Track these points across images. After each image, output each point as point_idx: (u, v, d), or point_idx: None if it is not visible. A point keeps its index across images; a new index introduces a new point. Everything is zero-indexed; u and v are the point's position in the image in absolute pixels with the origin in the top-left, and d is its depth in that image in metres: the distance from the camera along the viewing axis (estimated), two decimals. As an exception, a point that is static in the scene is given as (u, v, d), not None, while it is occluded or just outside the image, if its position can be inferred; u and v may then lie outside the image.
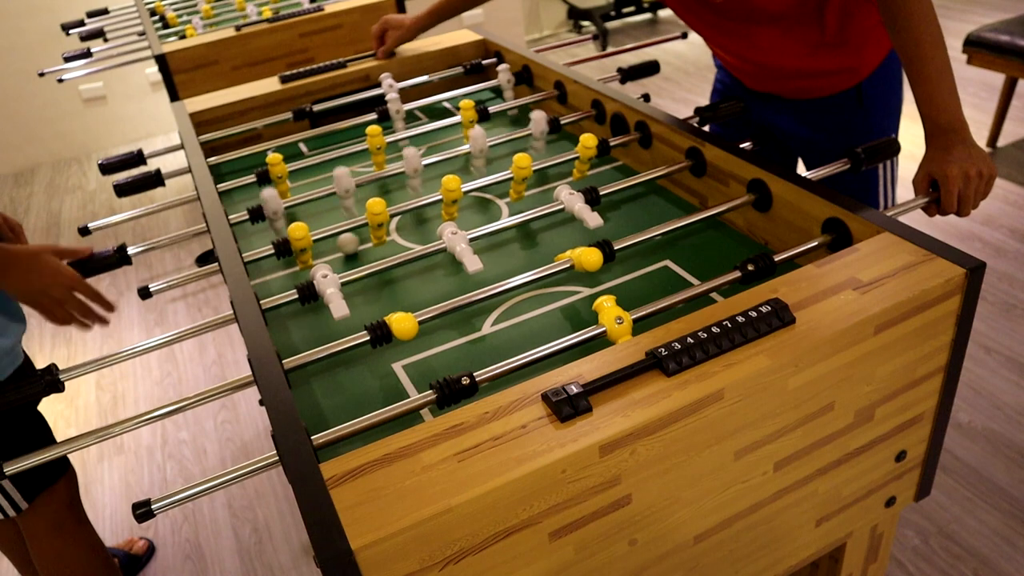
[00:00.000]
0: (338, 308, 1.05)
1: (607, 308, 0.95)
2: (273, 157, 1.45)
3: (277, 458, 0.81)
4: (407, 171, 1.39)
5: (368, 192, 1.51)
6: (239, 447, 2.24)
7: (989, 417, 1.99)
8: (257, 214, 1.34)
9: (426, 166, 1.50)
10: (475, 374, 0.89)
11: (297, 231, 1.19)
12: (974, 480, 1.83)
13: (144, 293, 1.20)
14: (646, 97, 1.63)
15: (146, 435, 2.33)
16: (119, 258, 1.26)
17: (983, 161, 1.14)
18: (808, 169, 1.54)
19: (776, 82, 1.48)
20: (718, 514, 0.89)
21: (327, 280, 1.09)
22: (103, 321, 1.27)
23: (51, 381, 0.98)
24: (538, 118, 1.47)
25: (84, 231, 1.41)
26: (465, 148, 1.49)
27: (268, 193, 1.31)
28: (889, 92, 1.45)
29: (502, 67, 1.76)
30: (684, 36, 2.01)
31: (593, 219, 1.17)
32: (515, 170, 1.30)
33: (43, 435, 1.42)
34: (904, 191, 2.13)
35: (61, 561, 1.50)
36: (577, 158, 1.37)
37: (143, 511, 0.81)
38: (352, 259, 1.30)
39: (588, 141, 1.33)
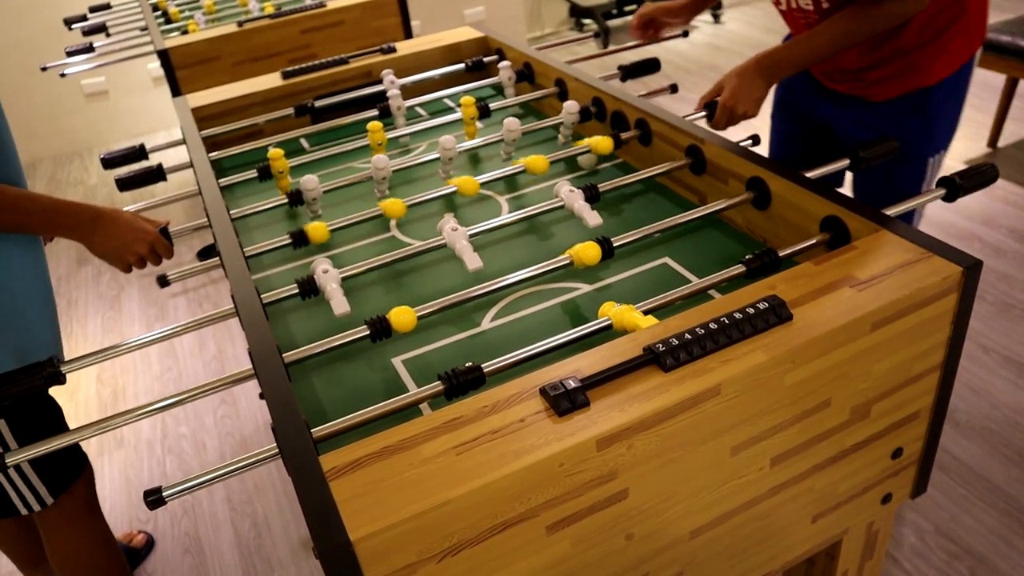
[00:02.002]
0: (339, 305, 1.06)
1: (617, 309, 0.96)
2: (274, 152, 1.45)
3: (277, 450, 0.81)
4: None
5: (369, 188, 1.51)
6: (239, 442, 2.25)
7: (987, 416, 2.00)
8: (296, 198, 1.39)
9: (426, 163, 1.50)
10: (484, 365, 0.89)
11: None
12: (971, 479, 1.84)
13: (162, 281, 1.23)
14: (674, 88, 1.73)
15: (146, 429, 2.33)
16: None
17: (752, 103, 1.38)
18: (856, 173, 1.55)
19: (846, 79, 1.50)
20: (714, 509, 0.89)
21: (328, 275, 1.10)
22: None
23: (52, 373, 0.98)
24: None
25: None
26: (466, 145, 1.49)
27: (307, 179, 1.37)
28: (954, 104, 1.46)
29: (503, 64, 1.76)
30: (685, 35, 2.01)
31: (593, 218, 1.18)
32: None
33: (58, 426, 1.43)
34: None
35: (76, 555, 1.52)
36: (589, 151, 1.39)
37: (154, 498, 0.82)
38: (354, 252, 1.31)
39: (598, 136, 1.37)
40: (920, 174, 1.50)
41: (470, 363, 0.89)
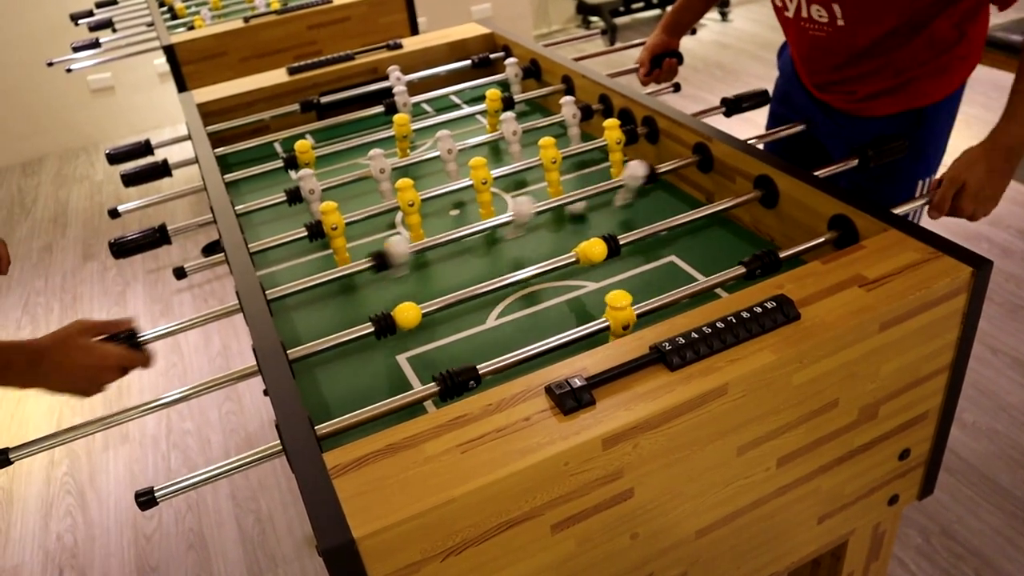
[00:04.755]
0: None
1: (615, 305, 0.95)
2: (301, 144, 1.47)
3: (281, 448, 0.81)
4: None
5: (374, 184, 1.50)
6: (243, 438, 2.25)
7: (993, 417, 1.99)
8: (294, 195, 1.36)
9: (432, 159, 1.49)
10: (479, 367, 0.89)
11: (327, 206, 1.18)
12: (977, 480, 1.83)
13: (179, 273, 1.21)
14: (676, 87, 1.70)
15: (151, 425, 2.33)
16: (160, 237, 1.27)
17: (992, 189, 1.18)
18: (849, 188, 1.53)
19: (836, 89, 1.48)
20: (720, 509, 0.89)
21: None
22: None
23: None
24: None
25: (114, 214, 1.42)
26: (473, 141, 1.49)
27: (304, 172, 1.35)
28: (946, 127, 1.45)
29: (510, 61, 1.76)
30: (693, 32, 2.00)
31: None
32: (542, 153, 1.30)
33: None
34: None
35: None
36: (603, 147, 1.36)
37: (146, 499, 0.81)
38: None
39: (612, 123, 1.34)
40: (909, 197, 1.46)
41: (466, 364, 0.88)
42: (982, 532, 1.71)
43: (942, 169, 1.35)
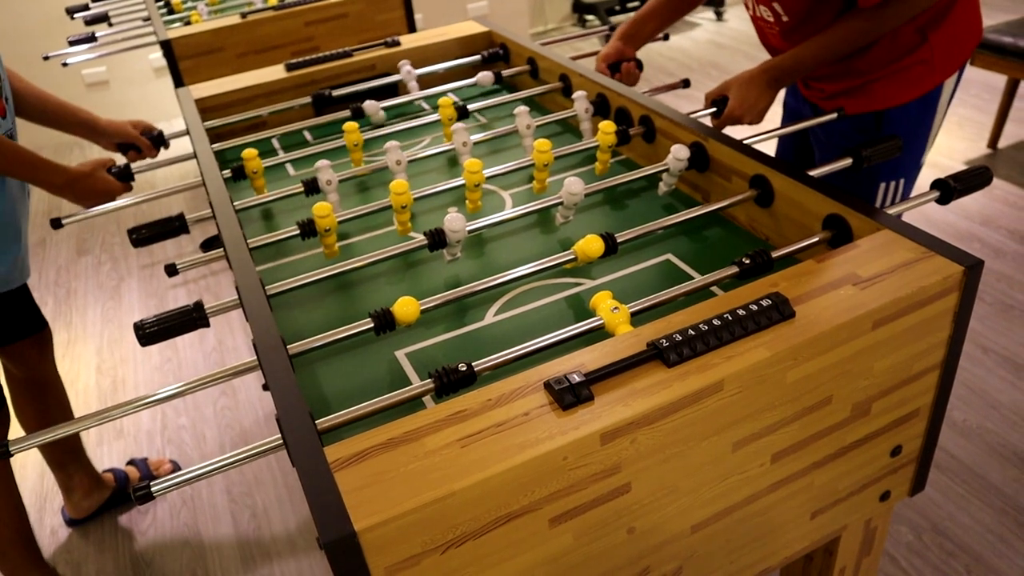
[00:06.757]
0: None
1: (603, 302, 0.96)
2: (248, 152, 1.44)
3: (280, 442, 0.82)
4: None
5: (374, 180, 1.51)
6: (238, 433, 2.25)
7: (984, 416, 2.01)
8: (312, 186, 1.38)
9: (430, 156, 1.50)
10: (476, 363, 0.90)
11: (321, 209, 1.19)
12: (968, 477, 1.85)
13: (171, 270, 1.21)
14: (686, 82, 1.72)
15: (146, 420, 2.34)
16: (179, 226, 1.31)
17: (758, 114, 1.42)
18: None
19: (811, 86, 1.52)
20: (715, 504, 0.90)
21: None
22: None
23: (199, 317, 1.03)
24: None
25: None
26: (477, 136, 1.49)
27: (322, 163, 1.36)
28: (915, 133, 1.44)
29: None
30: (666, 37, 2.01)
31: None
32: (536, 155, 1.31)
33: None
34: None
35: None
36: (597, 147, 1.37)
37: (142, 493, 0.81)
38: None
39: (607, 127, 1.34)
40: (870, 198, 1.48)
41: (462, 362, 0.89)
42: (973, 529, 1.73)
43: (926, 172, 1.38)
